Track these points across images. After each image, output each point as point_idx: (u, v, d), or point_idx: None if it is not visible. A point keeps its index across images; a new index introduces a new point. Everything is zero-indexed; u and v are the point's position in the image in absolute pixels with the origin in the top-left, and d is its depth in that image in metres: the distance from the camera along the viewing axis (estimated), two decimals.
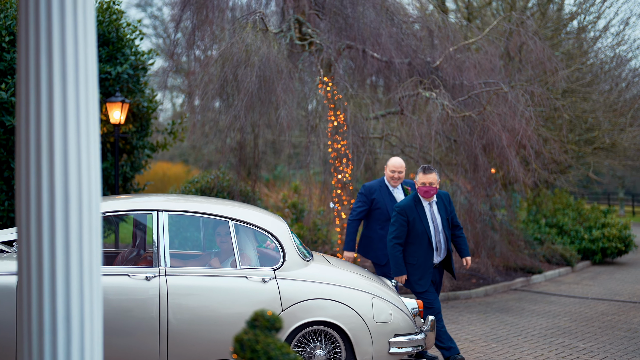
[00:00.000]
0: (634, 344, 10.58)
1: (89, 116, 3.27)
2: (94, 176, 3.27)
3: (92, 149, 3.28)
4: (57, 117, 3.17)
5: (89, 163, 3.25)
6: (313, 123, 13.97)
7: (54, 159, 3.16)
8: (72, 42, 3.20)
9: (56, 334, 3.16)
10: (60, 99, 3.17)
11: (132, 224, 9.11)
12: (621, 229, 20.87)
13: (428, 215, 8.86)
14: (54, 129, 3.17)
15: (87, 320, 3.24)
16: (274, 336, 3.73)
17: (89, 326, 3.25)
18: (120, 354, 7.06)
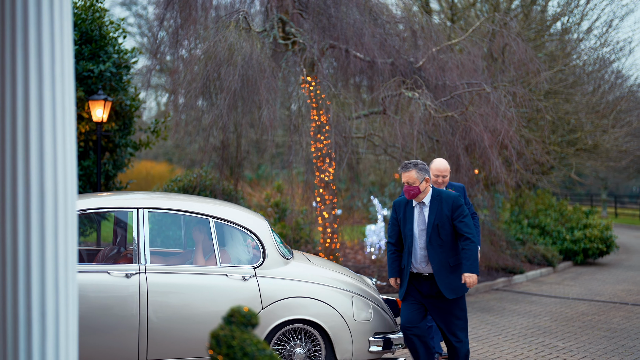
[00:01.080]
0: (613, 344, 10.64)
1: (65, 111, 3.27)
2: (70, 172, 3.27)
3: (68, 145, 3.28)
4: (33, 112, 3.17)
5: (64, 159, 3.25)
6: (296, 122, 13.97)
7: (29, 155, 3.16)
8: (49, 38, 3.20)
9: (31, 330, 3.16)
10: (36, 94, 3.17)
11: (112, 222, 9.09)
12: (603, 230, 20.99)
13: (415, 217, 7.70)
14: (30, 125, 3.16)
15: (62, 317, 3.24)
16: (250, 332, 3.74)
17: (64, 322, 3.25)
18: (99, 351, 7.04)
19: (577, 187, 37.87)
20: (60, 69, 3.23)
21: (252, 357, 3.63)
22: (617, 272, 19.31)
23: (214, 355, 3.69)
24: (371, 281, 8.88)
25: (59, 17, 3.23)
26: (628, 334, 11.34)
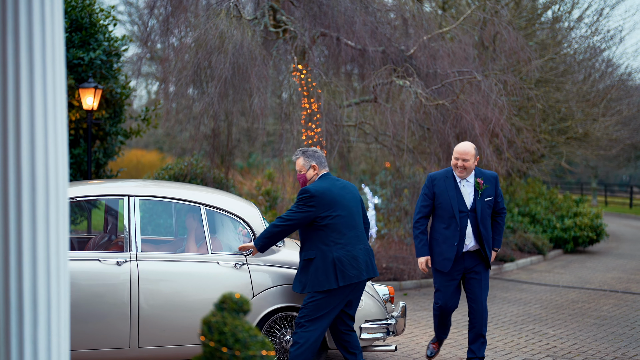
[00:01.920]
0: (603, 331, 10.70)
1: (56, 98, 3.26)
2: (61, 159, 3.27)
3: (59, 132, 3.27)
4: (24, 100, 3.16)
5: (56, 146, 3.24)
6: (287, 111, 13.96)
7: (20, 142, 3.15)
8: (39, 24, 3.18)
9: (22, 317, 3.16)
10: (27, 81, 3.16)
11: (103, 210, 9.08)
12: (593, 218, 21.07)
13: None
14: (21, 113, 3.15)
15: (53, 304, 3.23)
16: (241, 318, 3.74)
17: (56, 310, 3.24)
18: (91, 339, 7.04)
19: (567, 176, 38.01)
20: (52, 56, 3.22)
21: (244, 343, 3.64)
22: (607, 260, 19.39)
23: (205, 342, 3.70)
24: None
25: (49, 3, 3.22)
26: (618, 322, 11.40)
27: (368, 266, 7.26)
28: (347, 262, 7.08)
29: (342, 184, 7.43)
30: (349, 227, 7.21)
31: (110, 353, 7.16)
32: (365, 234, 7.44)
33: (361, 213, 7.46)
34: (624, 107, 25.67)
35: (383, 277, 14.38)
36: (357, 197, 7.47)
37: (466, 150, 7.87)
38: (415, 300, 12.93)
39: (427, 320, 11.23)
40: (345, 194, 7.33)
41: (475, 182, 7.90)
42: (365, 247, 7.31)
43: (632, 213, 40.44)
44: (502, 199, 8.13)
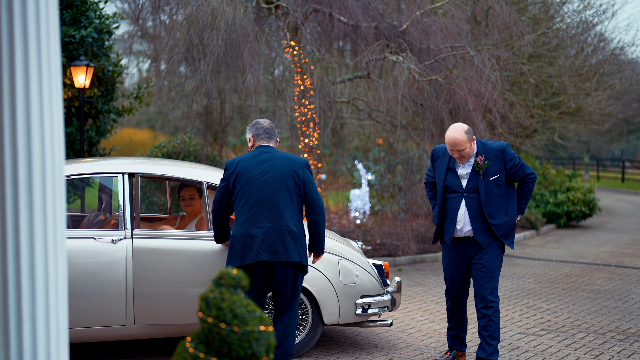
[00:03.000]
0: (596, 305, 10.75)
1: (51, 74, 3.24)
2: (57, 135, 3.25)
3: (54, 109, 3.25)
4: (19, 75, 3.13)
5: (51, 122, 3.22)
6: (280, 87, 13.91)
7: (16, 119, 3.13)
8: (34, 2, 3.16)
9: (20, 294, 3.15)
10: (22, 57, 3.14)
11: (97, 188, 9.06)
12: (586, 193, 21.12)
13: None
14: (16, 89, 3.13)
15: (52, 281, 3.23)
16: (240, 294, 3.74)
17: (54, 287, 3.24)
18: (87, 317, 7.05)
19: (559, 151, 38.04)
20: (46, 31, 3.20)
21: (242, 319, 3.64)
22: (600, 235, 19.46)
23: (203, 318, 3.70)
24: (357, 244, 8.91)
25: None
26: (611, 295, 11.45)
27: (272, 247, 6.48)
28: (242, 241, 6.54)
29: (269, 156, 6.71)
30: (255, 203, 6.55)
31: (107, 331, 7.17)
32: (284, 213, 6.57)
33: (288, 191, 6.62)
34: (616, 81, 25.68)
35: (377, 253, 14.41)
36: (286, 172, 6.63)
37: (457, 141, 7.19)
38: (409, 275, 12.97)
39: (421, 296, 11.27)
40: (265, 168, 6.64)
41: (475, 162, 7.29)
42: (274, 226, 6.52)
43: (624, 187, 40.55)
44: (521, 166, 7.28)
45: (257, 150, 6.81)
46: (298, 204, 6.72)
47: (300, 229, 6.68)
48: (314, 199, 6.73)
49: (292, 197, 6.65)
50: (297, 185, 6.67)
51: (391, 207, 17.50)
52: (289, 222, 6.59)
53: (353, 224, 17.20)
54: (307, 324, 7.85)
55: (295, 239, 6.59)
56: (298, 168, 6.70)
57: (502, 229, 7.30)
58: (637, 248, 16.91)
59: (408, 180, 15.08)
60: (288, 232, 6.56)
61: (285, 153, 6.84)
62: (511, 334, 9.03)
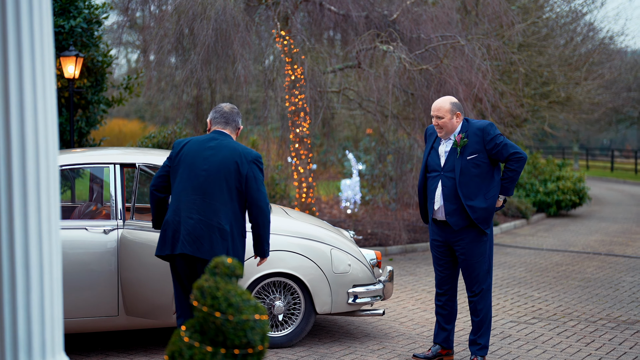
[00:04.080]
0: (587, 293, 10.79)
1: (45, 63, 3.22)
2: (51, 124, 3.24)
3: (48, 98, 3.24)
4: (12, 67, 3.12)
5: (45, 112, 3.21)
6: (270, 77, 13.89)
7: (9, 108, 3.11)
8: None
9: (15, 284, 3.14)
10: (15, 48, 3.12)
11: (87, 179, 9.04)
12: (576, 182, 21.18)
13: None
14: (9, 78, 3.12)
15: (46, 271, 3.22)
16: (234, 283, 3.74)
17: (49, 276, 3.23)
18: (79, 307, 7.04)
19: (549, 140, 38.16)
20: (39, 20, 3.18)
21: (237, 307, 3.64)
22: (590, 224, 19.53)
23: (198, 307, 3.70)
24: (349, 234, 8.91)
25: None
26: (602, 283, 11.50)
27: (198, 242, 6.04)
28: (173, 229, 6.14)
29: (217, 144, 6.26)
30: (190, 191, 6.14)
31: (99, 321, 7.17)
32: (218, 208, 6.11)
33: (227, 185, 6.15)
34: (605, 70, 25.73)
35: (368, 242, 14.43)
36: (227, 165, 6.16)
37: (438, 105, 7.09)
38: (400, 265, 12.99)
39: (413, 285, 11.28)
40: (208, 155, 6.22)
41: (454, 140, 7.09)
42: (204, 220, 6.07)
43: (613, 176, 40.69)
44: (504, 145, 6.94)
45: (208, 135, 6.40)
46: (239, 201, 6.20)
47: (236, 228, 6.17)
48: (255, 199, 6.18)
49: (230, 192, 6.15)
50: (239, 181, 6.16)
51: (382, 196, 17.52)
52: (222, 218, 6.09)
53: (344, 213, 17.21)
54: (300, 314, 7.86)
55: (224, 238, 6.08)
56: (243, 162, 6.19)
57: (478, 212, 7.00)
58: (626, 236, 16.98)
59: (399, 169, 15.10)
60: (218, 230, 6.07)
61: (236, 144, 6.33)
62: (503, 322, 9.05)
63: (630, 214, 22.23)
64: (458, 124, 7.13)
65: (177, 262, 6.15)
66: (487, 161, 7.02)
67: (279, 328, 7.82)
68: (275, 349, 7.71)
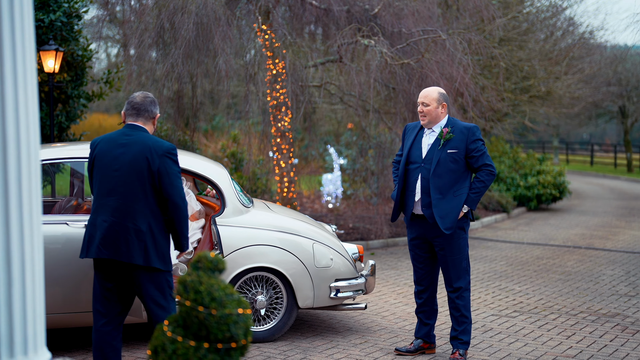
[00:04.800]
0: (567, 286, 10.85)
1: (26, 59, 3.20)
2: (32, 120, 3.22)
3: (29, 92, 3.22)
4: None
5: (26, 106, 3.19)
6: (252, 72, 13.85)
7: None
8: None
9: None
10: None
11: (67, 174, 8.99)
12: (556, 176, 21.29)
13: None
14: None
15: (28, 267, 3.20)
16: (217, 277, 3.74)
17: (30, 270, 3.21)
18: (60, 302, 7.00)
19: (529, 135, 38.28)
20: (20, 14, 3.16)
21: (220, 302, 3.63)
22: (570, 217, 19.63)
23: (181, 301, 3.69)
24: (331, 228, 8.92)
25: None
26: (582, 277, 11.57)
27: (115, 245, 5.84)
28: (90, 232, 6.00)
29: (128, 140, 5.99)
30: (106, 193, 5.95)
31: (81, 317, 7.12)
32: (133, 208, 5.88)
33: (141, 182, 5.89)
34: (585, 65, 25.85)
35: (350, 237, 14.45)
36: (139, 161, 5.89)
37: (427, 93, 7.16)
38: (382, 259, 13.01)
39: (394, 279, 11.31)
40: (119, 154, 5.97)
41: (440, 131, 7.13)
42: (119, 222, 5.87)
43: (593, 171, 40.94)
44: (482, 154, 7.04)
45: (120, 131, 6.12)
46: (156, 198, 5.95)
47: (155, 227, 5.93)
48: (169, 194, 5.90)
49: (145, 191, 5.89)
50: (152, 178, 5.89)
51: (363, 191, 17.54)
52: (138, 219, 5.86)
53: (325, 208, 17.22)
54: (282, 308, 7.86)
55: (141, 239, 5.84)
56: (154, 156, 5.89)
57: (442, 208, 7.02)
58: (606, 230, 17.09)
59: (380, 164, 15.12)
60: (134, 231, 5.84)
61: (148, 137, 6.02)
62: (484, 315, 9.09)
63: (610, 207, 22.38)
64: (443, 116, 7.20)
65: (97, 264, 6.01)
66: (464, 160, 7.08)
67: (261, 323, 7.82)
68: (257, 343, 7.71)
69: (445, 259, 7.23)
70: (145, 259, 5.85)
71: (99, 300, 6.06)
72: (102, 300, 6.04)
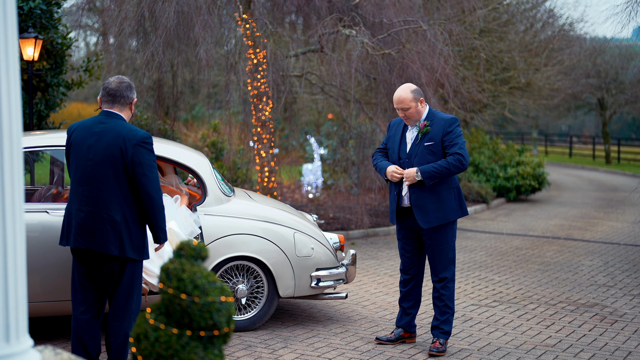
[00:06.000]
0: (547, 276, 10.91)
1: (8, 46, 3.18)
2: (15, 108, 3.20)
3: (12, 80, 3.20)
4: None
5: (9, 94, 3.17)
6: (232, 61, 13.81)
7: None
8: None
9: None
10: None
11: (47, 163, 8.93)
12: (535, 167, 21.39)
13: None
14: None
15: (10, 255, 3.18)
16: (200, 265, 3.73)
17: (12, 260, 3.20)
18: (41, 290, 6.97)
19: (509, 126, 38.46)
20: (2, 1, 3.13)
21: (202, 289, 3.63)
22: (549, 208, 19.74)
23: (164, 289, 3.68)
24: (312, 217, 8.92)
25: None
26: (561, 267, 11.64)
27: (91, 235, 5.81)
28: (67, 221, 5.99)
29: (103, 128, 5.89)
30: (80, 182, 5.89)
31: (61, 305, 7.09)
32: (107, 199, 5.82)
33: (115, 172, 5.82)
34: (565, 57, 25.98)
35: (330, 227, 14.46)
36: (112, 150, 5.81)
37: (401, 98, 7.15)
38: (362, 249, 13.04)
39: (375, 269, 11.33)
40: (93, 142, 5.88)
41: (418, 126, 7.25)
42: (94, 212, 5.82)
43: (571, 162, 41.18)
44: (456, 144, 7.05)
45: (96, 118, 6.01)
46: (130, 188, 5.87)
47: (130, 217, 5.87)
48: (142, 184, 5.81)
49: (119, 181, 5.82)
50: (126, 167, 5.81)
51: (344, 181, 17.56)
52: (112, 209, 5.80)
53: (306, 198, 17.22)
54: (263, 297, 7.86)
55: (116, 230, 5.79)
56: (128, 146, 5.79)
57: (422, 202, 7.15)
58: (585, 221, 17.20)
59: (361, 154, 15.13)
60: (109, 221, 5.79)
61: (123, 125, 5.91)
62: (464, 305, 9.13)
63: (589, 198, 22.52)
64: (424, 109, 7.28)
65: (75, 253, 6.00)
66: (442, 152, 7.16)
67: (242, 312, 7.83)
68: (238, 332, 7.71)
69: (433, 249, 7.27)
70: (121, 250, 5.82)
71: (77, 288, 6.05)
72: (80, 289, 6.04)
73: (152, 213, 5.88)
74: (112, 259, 5.87)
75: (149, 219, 5.93)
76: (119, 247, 5.81)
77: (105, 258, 5.87)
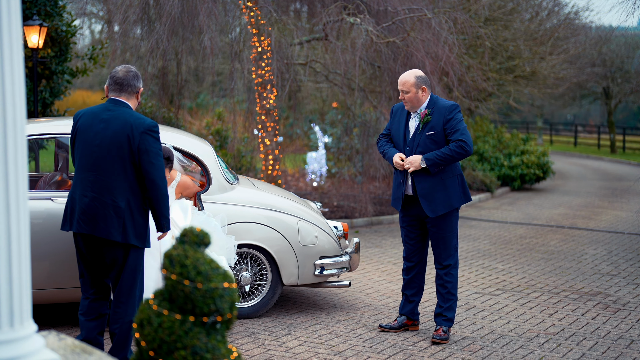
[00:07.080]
0: (550, 265, 10.92)
1: (12, 33, 3.19)
2: (19, 95, 3.20)
3: (15, 65, 3.20)
4: None
5: (12, 79, 3.17)
6: (237, 49, 13.81)
7: None
8: None
9: None
10: None
11: (51, 150, 8.94)
12: (540, 156, 21.36)
13: None
14: None
15: (14, 242, 3.20)
16: (203, 251, 3.74)
17: (17, 246, 3.21)
18: (46, 278, 6.99)
19: (513, 115, 38.40)
20: None
21: (205, 276, 3.64)
22: (553, 197, 19.73)
23: (167, 275, 3.70)
24: (316, 206, 8.93)
25: None
26: (565, 256, 11.65)
27: (94, 220, 5.83)
28: (70, 206, 6.00)
29: (110, 116, 5.93)
30: (86, 168, 5.92)
31: (65, 292, 7.12)
32: (112, 185, 5.85)
33: (121, 159, 5.85)
34: (570, 45, 25.91)
35: (334, 215, 14.48)
36: (119, 137, 5.85)
37: (403, 80, 7.19)
38: (366, 237, 13.05)
39: (378, 257, 11.35)
40: (100, 129, 5.91)
41: (419, 114, 7.25)
42: (99, 198, 5.84)
43: (576, 151, 41.11)
44: (457, 131, 7.05)
45: (103, 105, 6.06)
46: (136, 176, 5.91)
47: (134, 204, 5.90)
48: (147, 172, 5.85)
49: (125, 168, 5.86)
50: (132, 155, 5.84)
51: (348, 169, 17.54)
52: (117, 196, 5.84)
53: (310, 186, 17.24)
54: (267, 285, 7.89)
55: (120, 216, 5.83)
56: (135, 133, 5.83)
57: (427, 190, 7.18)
58: (589, 210, 17.19)
59: (365, 142, 15.13)
60: (113, 208, 5.82)
61: (130, 113, 5.96)
62: (467, 293, 9.15)
63: (593, 188, 22.50)
64: (425, 98, 7.24)
65: (77, 238, 6.02)
66: (445, 140, 7.15)
67: (246, 299, 7.85)
68: (242, 319, 7.73)
69: (437, 236, 7.29)
70: (123, 236, 5.85)
71: (82, 271, 6.12)
72: (85, 272, 6.10)
73: (156, 200, 5.91)
74: (115, 245, 5.89)
75: (154, 206, 5.95)
76: (122, 233, 5.84)
77: (106, 244, 5.89)
